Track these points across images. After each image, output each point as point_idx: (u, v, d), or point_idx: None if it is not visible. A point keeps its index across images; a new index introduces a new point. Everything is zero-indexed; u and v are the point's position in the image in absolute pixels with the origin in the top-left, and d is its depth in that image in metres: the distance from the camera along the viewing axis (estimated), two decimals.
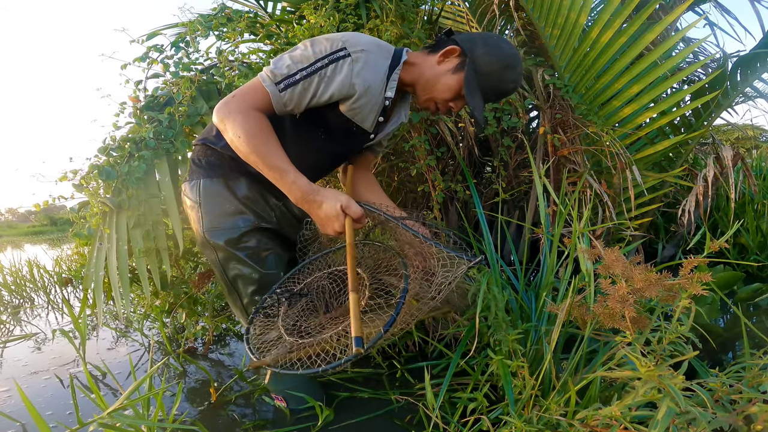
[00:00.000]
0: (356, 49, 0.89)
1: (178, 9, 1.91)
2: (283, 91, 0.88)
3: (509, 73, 0.95)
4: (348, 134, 1.03)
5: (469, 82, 0.93)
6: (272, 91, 0.88)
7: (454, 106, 0.99)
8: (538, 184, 1.30)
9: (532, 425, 0.79)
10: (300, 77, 0.88)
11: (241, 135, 0.85)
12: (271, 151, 0.87)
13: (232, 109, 0.86)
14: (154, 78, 1.63)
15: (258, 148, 0.85)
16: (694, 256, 0.68)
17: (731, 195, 1.71)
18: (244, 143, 0.85)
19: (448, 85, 0.95)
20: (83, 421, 0.80)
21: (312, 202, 0.87)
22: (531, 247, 1.96)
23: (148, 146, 1.39)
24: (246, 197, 1.03)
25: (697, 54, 2.31)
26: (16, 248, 7.57)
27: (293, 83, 0.88)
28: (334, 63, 0.88)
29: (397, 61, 0.97)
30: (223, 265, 1.02)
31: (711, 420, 0.59)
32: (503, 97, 1.01)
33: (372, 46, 0.92)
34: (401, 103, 1.10)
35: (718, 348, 1.24)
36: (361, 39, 0.91)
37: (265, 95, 0.88)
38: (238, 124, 0.85)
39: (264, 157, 0.86)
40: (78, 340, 1.77)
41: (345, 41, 0.89)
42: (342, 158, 1.16)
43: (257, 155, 0.85)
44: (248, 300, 1.03)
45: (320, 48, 0.89)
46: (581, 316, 0.80)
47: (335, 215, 0.86)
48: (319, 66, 0.88)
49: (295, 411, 1.10)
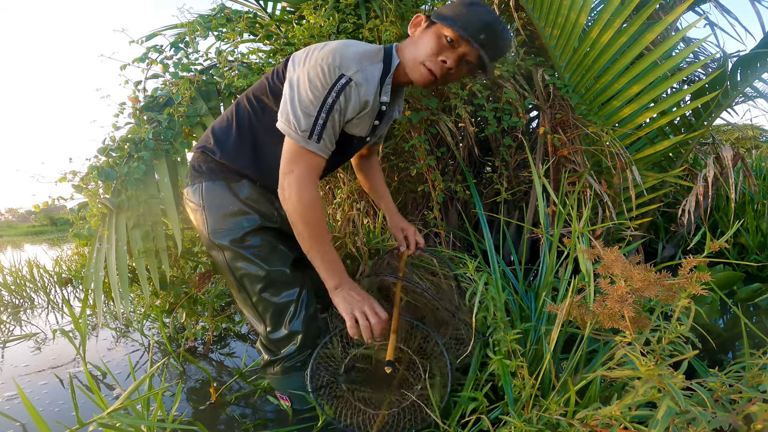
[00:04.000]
0: (352, 71, 0.89)
1: (177, 9, 1.92)
2: (320, 140, 0.90)
3: (476, 10, 0.90)
4: (346, 145, 1.04)
5: (439, 14, 0.93)
6: (314, 148, 0.91)
7: (446, 59, 0.93)
8: (538, 184, 1.30)
9: (531, 425, 0.79)
10: (323, 121, 0.89)
11: (304, 220, 0.92)
12: (326, 240, 0.95)
13: (298, 192, 0.91)
14: (153, 78, 1.63)
15: (316, 234, 0.93)
16: (694, 256, 0.68)
17: (731, 195, 1.71)
18: (306, 227, 0.93)
19: (425, 41, 0.94)
20: (83, 421, 0.80)
21: (346, 293, 0.95)
22: (531, 247, 1.96)
23: (147, 147, 1.39)
24: (249, 198, 1.03)
25: (697, 54, 2.31)
26: (16, 248, 7.57)
27: (322, 128, 0.90)
28: (341, 93, 0.89)
29: (388, 64, 0.97)
30: (230, 266, 1.03)
31: (711, 419, 0.59)
32: (495, 35, 0.90)
33: (363, 60, 0.92)
34: (395, 100, 1.11)
35: (717, 348, 1.24)
36: (350, 55, 0.90)
37: (314, 156, 0.92)
38: (305, 208, 0.92)
39: (319, 243, 0.94)
40: (78, 340, 1.77)
41: (338, 66, 0.88)
42: (339, 164, 1.19)
43: (313, 241, 0.94)
44: (257, 298, 1.04)
45: (320, 81, 0.88)
46: (581, 316, 0.80)
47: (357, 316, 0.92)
48: (331, 102, 0.89)
49: (298, 411, 1.10)
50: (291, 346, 1.05)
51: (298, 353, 1.05)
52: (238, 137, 1.03)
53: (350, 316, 0.92)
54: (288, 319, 1.05)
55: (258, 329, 1.09)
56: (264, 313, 1.05)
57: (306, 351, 1.06)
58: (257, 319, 1.07)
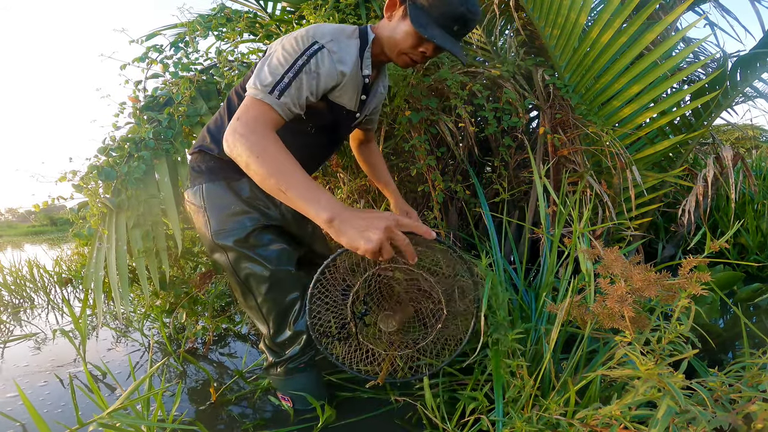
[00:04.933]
0: (326, 40, 0.91)
1: (177, 9, 1.92)
2: (280, 97, 0.86)
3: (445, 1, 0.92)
4: (335, 121, 1.06)
5: (417, 18, 0.93)
6: (271, 101, 0.85)
7: (425, 50, 0.98)
8: (539, 184, 1.30)
9: (531, 425, 0.79)
10: (288, 79, 0.87)
11: (255, 160, 0.78)
12: (293, 170, 0.79)
13: (243, 133, 0.80)
14: (153, 78, 1.63)
15: (274, 171, 0.78)
16: (694, 256, 0.68)
17: (731, 195, 1.71)
18: (259, 168, 0.78)
19: (404, 32, 0.96)
20: (83, 421, 0.80)
21: (341, 226, 0.75)
22: (531, 247, 1.96)
23: (147, 146, 1.39)
24: (250, 197, 1.03)
25: (697, 54, 2.31)
26: (16, 248, 7.57)
27: (285, 86, 0.86)
28: (313, 57, 0.89)
29: (365, 40, 0.99)
30: (234, 266, 1.02)
31: (711, 419, 0.59)
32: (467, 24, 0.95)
33: (337, 33, 0.94)
34: (380, 76, 1.13)
35: (717, 348, 1.24)
36: (325, 29, 0.93)
37: (267, 108, 0.85)
38: (251, 149, 0.79)
39: (280, 181, 0.77)
40: (78, 340, 1.77)
41: (312, 35, 0.90)
42: (334, 145, 1.19)
43: (273, 180, 0.77)
44: (262, 299, 1.03)
45: (292, 47, 0.89)
46: (581, 315, 0.80)
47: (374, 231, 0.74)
48: (301, 64, 0.88)
49: (299, 411, 1.10)
50: (295, 347, 1.05)
51: (302, 354, 1.05)
52: None
53: (368, 244, 0.72)
54: (292, 320, 1.04)
55: (261, 330, 1.09)
56: (268, 315, 1.05)
57: (310, 352, 1.06)
58: (261, 320, 1.06)
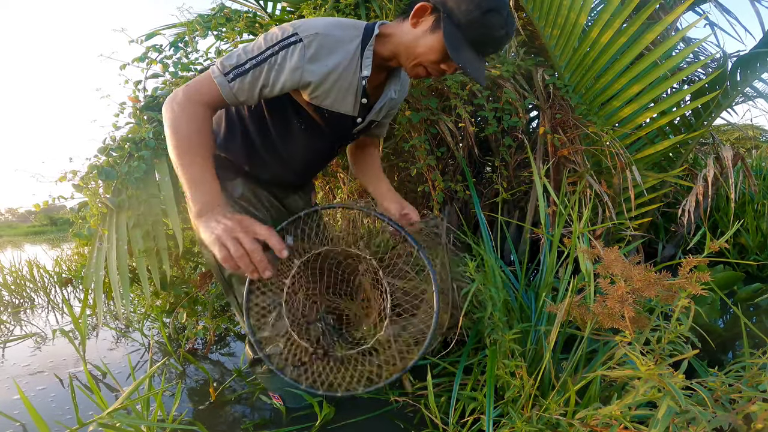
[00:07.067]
0: (309, 33, 0.84)
1: (176, 9, 1.92)
2: (232, 81, 0.84)
3: (493, 17, 0.84)
4: (329, 123, 0.99)
5: (450, 38, 0.85)
6: (220, 82, 0.84)
7: (446, 68, 0.90)
8: (538, 184, 1.30)
9: (531, 425, 0.79)
10: (249, 66, 0.84)
11: (170, 128, 0.81)
12: (194, 153, 0.82)
13: (178, 102, 0.82)
14: (153, 78, 1.63)
15: (180, 145, 0.81)
16: (694, 256, 0.68)
17: (731, 195, 1.71)
18: (170, 137, 0.81)
19: (429, 45, 0.88)
20: (83, 421, 0.80)
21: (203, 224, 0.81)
22: (531, 247, 1.96)
23: (147, 146, 1.39)
24: (241, 198, 1.03)
25: (697, 54, 2.31)
26: (16, 248, 7.57)
27: (242, 73, 0.84)
28: (284, 50, 0.84)
29: (369, 37, 0.91)
30: (219, 265, 1.02)
31: (711, 419, 0.59)
32: (499, 47, 0.91)
33: (331, 28, 0.87)
34: (392, 79, 1.04)
35: (717, 348, 1.24)
36: (317, 23, 0.87)
37: (214, 87, 0.84)
38: (174, 117, 0.81)
39: (181, 157, 0.81)
40: (78, 340, 1.77)
41: (297, 27, 0.85)
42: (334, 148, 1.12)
43: (176, 154, 0.81)
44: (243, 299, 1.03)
45: (271, 36, 0.86)
46: (581, 315, 0.80)
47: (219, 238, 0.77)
48: (269, 54, 0.84)
49: (292, 410, 1.10)
50: None
51: None
52: (228, 127, 1.03)
53: (218, 245, 0.76)
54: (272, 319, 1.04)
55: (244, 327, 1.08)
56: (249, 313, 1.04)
57: None
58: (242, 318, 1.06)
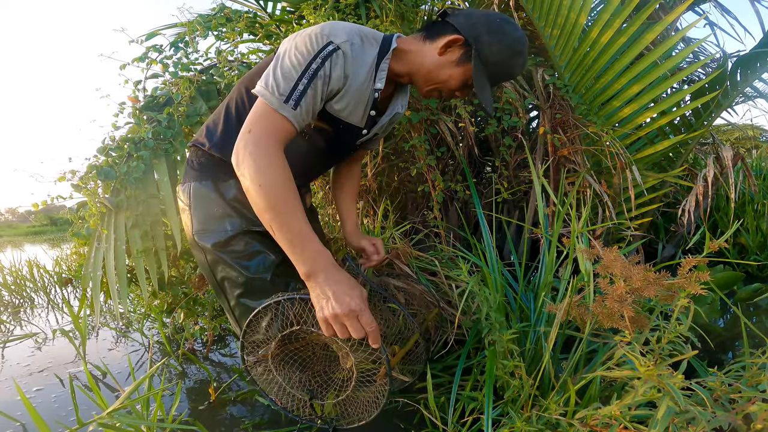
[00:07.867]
0: (342, 40, 0.83)
1: (177, 9, 1.92)
2: (297, 107, 0.80)
3: (518, 59, 0.91)
4: (337, 132, 0.98)
5: (479, 76, 0.88)
6: (288, 113, 0.79)
7: (459, 94, 0.96)
8: (538, 184, 1.30)
9: (531, 425, 0.79)
10: (303, 86, 0.81)
11: (258, 188, 0.74)
12: (292, 210, 0.75)
13: (252, 152, 0.75)
14: (153, 78, 1.63)
15: (276, 205, 0.74)
16: (693, 256, 0.68)
17: (731, 195, 1.71)
18: (260, 197, 0.74)
19: (453, 76, 0.91)
20: (83, 421, 0.80)
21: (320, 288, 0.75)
22: (531, 247, 1.96)
23: (147, 146, 1.39)
24: (234, 199, 0.99)
25: (697, 54, 2.32)
26: (16, 248, 7.57)
27: (301, 94, 0.81)
28: (327, 60, 0.82)
29: (386, 50, 0.91)
30: (211, 267, 1.00)
31: (710, 419, 0.59)
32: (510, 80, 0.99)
33: (354, 35, 0.86)
34: (399, 94, 1.05)
35: (717, 348, 1.24)
36: (342, 28, 0.85)
37: (285, 122, 0.79)
38: (257, 173, 0.74)
39: (278, 216, 0.74)
40: (78, 340, 1.77)
41: (327, 35, 0.83)
42: (335, 158, 1.13)
43: (271, 216, 0.74)
44: (235, 302, 1.01)
45: (305, 48, 0.83)
46: (580, 315, 0.80)
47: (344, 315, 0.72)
48: (316, 68, 0.82)
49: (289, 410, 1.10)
50: None
51: None
52: (225, 127, 1.00)
53: (325, 325, 0.74)
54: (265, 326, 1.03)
55: (236, 330, 1.07)
56: (240, 318, 1.01)
57: None
58: (234, 322, 1.05)
